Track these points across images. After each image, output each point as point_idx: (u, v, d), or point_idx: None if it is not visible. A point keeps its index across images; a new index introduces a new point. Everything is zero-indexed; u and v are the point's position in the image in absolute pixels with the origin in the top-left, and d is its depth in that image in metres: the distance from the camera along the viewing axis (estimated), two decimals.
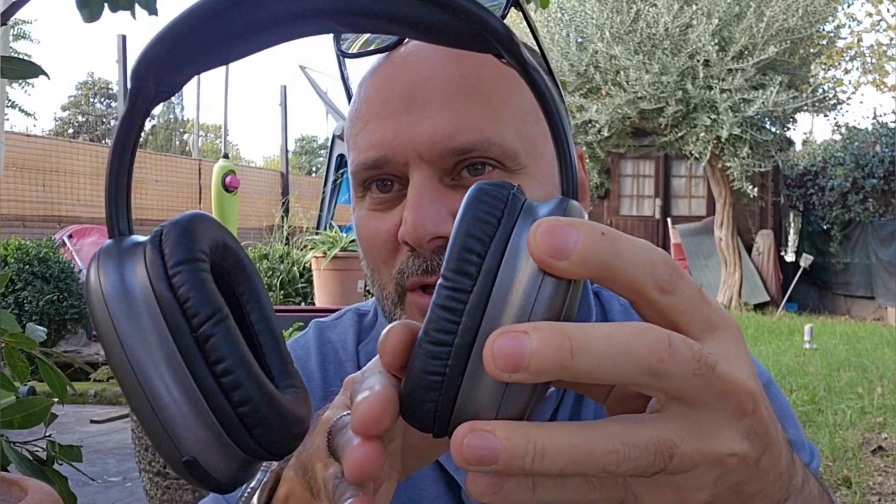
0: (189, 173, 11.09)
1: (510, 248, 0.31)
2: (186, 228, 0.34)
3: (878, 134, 11.18)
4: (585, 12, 10.39)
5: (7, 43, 2.00)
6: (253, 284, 0.39)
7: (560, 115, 0.34)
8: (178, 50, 0.34)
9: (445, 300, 0.31)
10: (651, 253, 0.31)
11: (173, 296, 0.32)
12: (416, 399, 0.31)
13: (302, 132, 41.11)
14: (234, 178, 5.79)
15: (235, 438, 0.32)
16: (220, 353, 0.32)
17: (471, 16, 0.33)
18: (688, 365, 0.29)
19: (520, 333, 0.28)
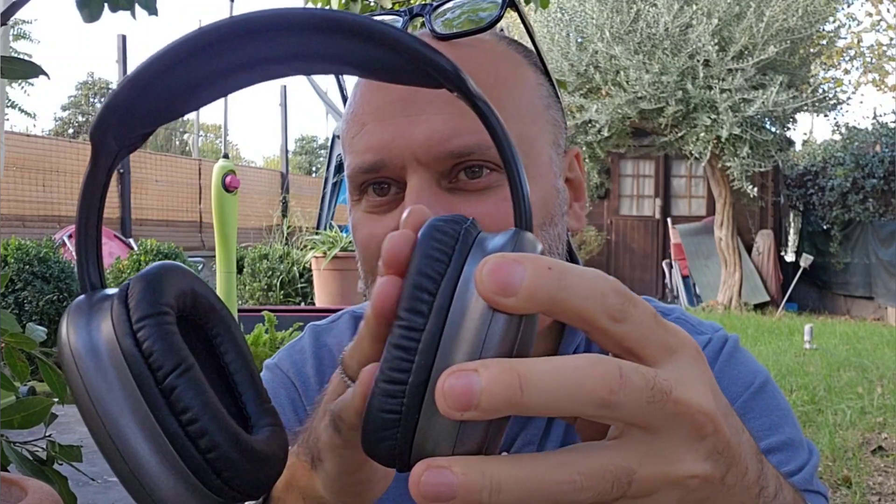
0: (189, 173, 11.09)
1: (460, 285, 0.31)
2: (151, 282, 0.35)
3: (878, 134, 11.18)
4: (585, 12, 10.39)
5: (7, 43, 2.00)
6: (226, 325, 0.40)
7: (511, 149, 0.35)
8: (136, 105, 0.35)
9: (399, 339, 0.31)
10: (600, 283, 0.31)
11: (138, 350, 0.33)
12: (376, 437, 0.32)
13: (302, 132, 41.13)
14: (234, 178, 5.78)
15: (206, 483, 0.33)
16: (185, 403, 0.33)
17: (417, 55, 0.33)
18: (640, 393, 0.30)
19: (469, 372, 0.29)
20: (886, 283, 10.48)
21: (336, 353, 0.76)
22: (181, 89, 0.35)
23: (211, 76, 0.35)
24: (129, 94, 0.34)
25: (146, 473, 0.33)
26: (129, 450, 0.33)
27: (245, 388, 0.39)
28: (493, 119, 0.35)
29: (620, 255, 12.57)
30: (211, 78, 0.35)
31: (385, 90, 0.63)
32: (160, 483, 0.33)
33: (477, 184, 0.61)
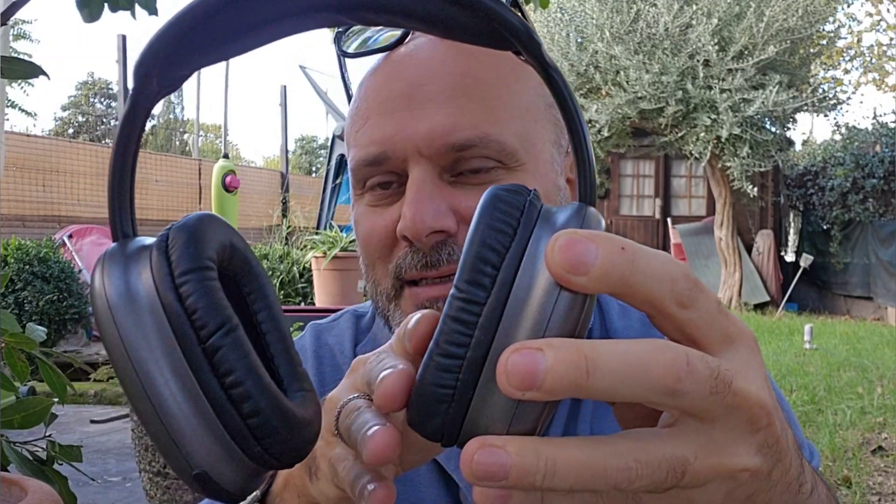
0: (189, 173, 11.09)
1: (526, 259, 0.30)
2: (193, 233, 0.33)
3: (878, 134, 11.18)
4: (585, 12, 10.39)
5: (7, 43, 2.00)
6: (261, 285, 0.38)
7: (580, 119, 0.33)
8: (183, 44, 0.33)
9: (458, 312, 0.30)
10: (671, 267, 0.30)
11: (181, 306, 0.31)
12: (426, 411, 0.31)
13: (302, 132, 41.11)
14: (234, 178, 5.79)
15: (246, 450, 0.32)
16: (229, 365, 0.31)
17: (489, 12, 0.32)
18: (705, 383, 0.29)
19: (534, 350, 0.28)
20: (886, 283, 10.48)
21: (336, 353, 0.76)
22: (230, 31, 0.34)
23: (263, 19, 0.33)
24: (176, 32, 0.33)
25: (182, 434, 0.31)
26: (166, 409, 0.31)
27: (278, 350, 0.38)
28: (562, 86, 0.33)
29: None
30: (262, 21, 0.34)
31: (389, 84, 0.64)
32: (196, 445, 0.31)
33: (478, 177, 0.62)
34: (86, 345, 6.51)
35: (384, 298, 0.65)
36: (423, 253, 0.61)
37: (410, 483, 0.67)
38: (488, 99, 0.62)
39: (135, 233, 0.35)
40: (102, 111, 30.48)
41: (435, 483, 0.67)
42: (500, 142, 0.61)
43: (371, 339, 0.76)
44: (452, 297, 0.31)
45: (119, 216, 0.35)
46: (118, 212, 0.35)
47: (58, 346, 6.11)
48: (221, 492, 0.32)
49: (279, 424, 0.32)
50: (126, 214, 0.35)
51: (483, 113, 0.61)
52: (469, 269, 0.30)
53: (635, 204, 12.81)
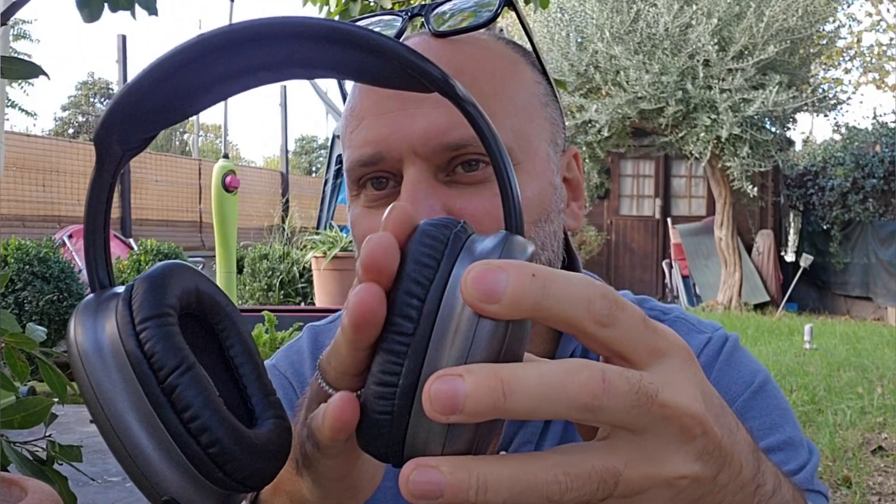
0: (189, 173, 11.09)
1: (448, 290, 0.32)
2: (154, 283, 0.37)
3: (878, 134, 11.18)
4: (585, 12, 10.40)
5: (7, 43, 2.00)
6: (231, 320, 0.41)
7: (500, 152, 0.35)
8: (138, 110, 0.36)
9: (390, 343, 0.32)
10: (587, 289, 0.31)
11: (141, 351, 0.35)
12: (370, 435, 0.33)
13: (302, 132, 41.14)
14: (234, 178, 5.79)
15: (210, 477, 0.35)
16: (186, 401, 0.34)
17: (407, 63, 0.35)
18: (625, 398, 0.30)
19: (454, 377, 0.29)
20: (886, 283, 10.48)
21: None
22: (182, 94, 0.36)
23: (210, 82, 0.36)
24: (131, 99, 0.35)
25: (151, 468, 0.35)
26: (134, 446, 0.34)
27: (250, 381, 0.41)
28: (480, 122, 0.35)
29: (620, 255, 12.58)
30: (210, 83, 0.36)
31: None
32: (165, 476, 0.35)
33: (473, 177, 0.62)
34: None
35: None
36: None
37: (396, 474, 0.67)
38: (484, 97, 0.62)
39: (111, 282, 0.39)
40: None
41: None
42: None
43: None
44: (385, 331, 0.33)
45: (95, 268, 0.39)
46: (94, 264, 0.39)
47: (58, 346, 6.11)
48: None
49: (238, 451, 0.35)
50: (102, 266, 0.39)
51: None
52: (398, 303, 0.33)
53: (635, 204, 12.81)
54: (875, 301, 10.76)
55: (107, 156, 0.37)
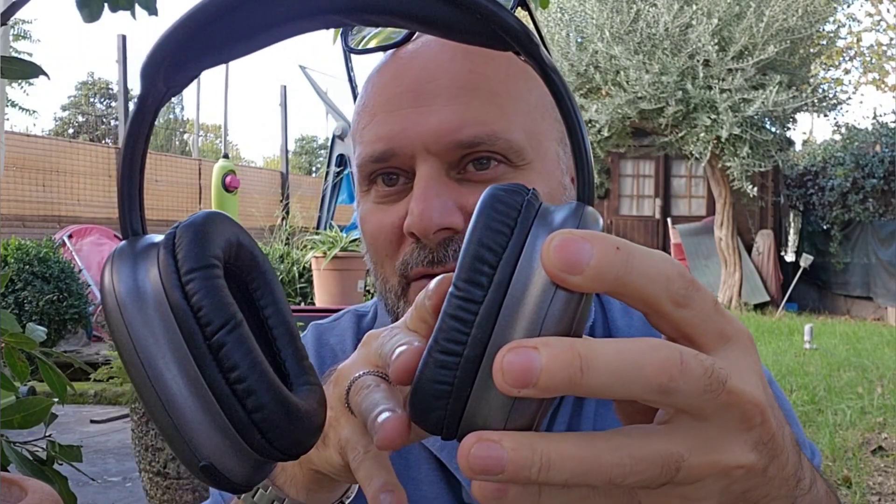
0: (189, 173, 11.09)
1: (522, 259, 0.31)
2: (199, 232, 0.34)
3: (878, 134, 11.18)
4: (585, 12, 10.39)
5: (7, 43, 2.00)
6: (267, 280, 0.39)
7: (578, 118, 0.34)
8: (188, 46, 0.34)
9: (456, 310, 0.31)
10: (667, 267, 0.31)
11: (187, 304, 0.32)
12: (425, 406, 0.32)
13: (302, 132, 41.12)
14: (234, 178, 5.79)
15: (251, 443, 0.33)
16: (233, 361, 0.32)
17: (488, 14, 0.32)
18: (699, 382, 0.30)
19: (529, 349, 0.28)
20: (886, 283, 10.48)
21: (338, 352, 0.76)
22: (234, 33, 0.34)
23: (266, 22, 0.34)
24: (182, 34, 0.33)
25: (189, 428, 0.32)
26: (174, 403, 0.32)
27: (284, 344, 0.39)
28: (561, 88, 0.33)
29: None
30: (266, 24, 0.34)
31: (396, 80, 0.64)
32: (203, 438, 0.32)
33: (484, 175, 0.62)
34: (86, 345, 6.51)
35: (393, 295, 0.65)
36: (430, 249, 0.61)
37: (413, 482, 0.67)
38: (496, 96, 0.62)
39: (144, 230, 0.36)
40: (102, 111, 30.48)
41: (438, 481, 0.67)
42: (507, 139, 0.61)
43: None
44: (451, 296, 0.31)
45: (129, 214, 0.36)
46: (128, 210, 0.36)
47: (58, 346, 6.11)
48: (228, 483, 0.33)
49: (282, 418, 0.33)
50: (136, 213, 0.36)
51: (491, 110, 0.62)
52: (467, 269, 0.31)
53: (635, 204, 12.81)
54: (875, 301, 10.76)
55: (151, 92, 0.34)
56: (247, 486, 0.34)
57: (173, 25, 0.33)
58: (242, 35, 0.34)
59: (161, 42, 0.34)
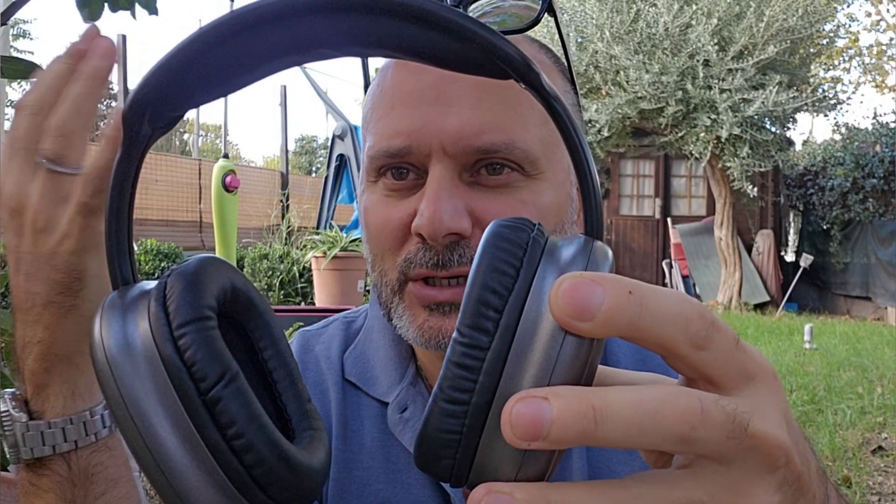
0: (189, 173, 11.09)
1: (530, 301, 0.29)
2: (191, 281, 0.33)
3: (878, 134, 11.18)
4: (585, 12, 10.39)
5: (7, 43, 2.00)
6: (265, 322, 0.38)
7: (583, 148, 0.33)
8: (173, 86, 0.33)
9: (461, 357, 0.29)
10: (685, 308, 0.29)
11: (180, 359, 0.31)
12: (434, 455, 0.31)
13: (302, 132, 41.13)
14: (234, 178, 5.79)
15: (251, 499, 0.32)
16: (230, 416, 0.31)
17: (487, 45, 0.31)
18: (721, 429, 0.28)
19: (539, 399, 0.27)
20: (886, 283, 10.48)
21: (322, 359, 0.75)
22: (220, 70, 0.33)
23: (253, 58, 0.33)
24: (166, 75, 0.32)
25: (187, 487, 0.31)
26: (170, 463, 0.31)
27: (285, 388, 0.38)
28: (564, 118, 0.32)
29: (620, 255, 12.58)
30: (253, 60, 0.33)
31: (418, 75, 0.63)
32: (200, 497, 0.31)
33: (496, 180, 0.61)
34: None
35: (388, 290, 0.65)
36: (436, 251, 0.60)
37: (403, 485, 0.67)
38: (517, 104, 0.62)
39: (135, 278, 0.35)
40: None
41: (428, 484, 0.67)
42: (524, 149, 0.61)
43: (360, 344, 0.75)
44: (455, 342, 0.30)
45: (118, 262, 0.34)
46: (116, 258, 0.34)
47: None
48: None
49: (283, 472, 0.32)
50: (125, 260, 0.35)
51: (511, 118, 0.61)
52: (471, 314, 0.30)
53: (635, 204, 12.81)
54: (875, 301, 10.76)
55: (136, 136, 0.33)
56: None
57: (156, 65, 0.32)
58: (229, 73, 0.33)
59: (143, 84, 0.32)
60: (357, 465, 0.69)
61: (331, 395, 0.72)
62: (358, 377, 0.72)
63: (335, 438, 0.70)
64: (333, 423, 0.70)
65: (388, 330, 0.72)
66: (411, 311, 0.63)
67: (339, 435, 0.70)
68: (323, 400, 0.72)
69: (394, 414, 0.69)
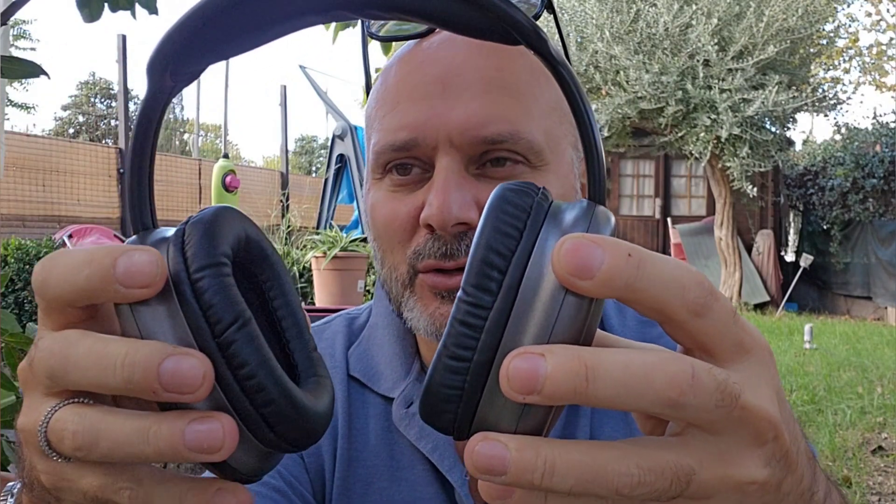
0: (189, 173, 11.09)
1: (532, 262, 0.31)
2: (209, 228, 0.34)
3: (878, 134, 11.18)
4: (585, 12, 10.39)
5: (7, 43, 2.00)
6: (276, 273, 0.39)
7: (589, 114, 0.34)
8: (196, 39, 0.34)
9: (465, 315, 0.31)
10: (682, 274, 0.30)
11: (197, 302, 0.32)
12: (437, 409, 0.32)
13: (302, 132, 41.13)
14: (234, 177, 5.79)
15: (261, 437, 0.33)
16: (242, 358, 0.32)
17: (497, 11, 0.33)
18: (710, 396, 0.29)
19: (536, 356, 0.28)
20: (886, 283, 10.48)
21: (325, 358, 0.75)
22: (244, 27, 0.34)
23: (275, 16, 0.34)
24: (189, 28, 0.33)
25: None
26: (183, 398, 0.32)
27: (292, 336, 0.39)
28: (571, 83, 0.33)
29: None
30: (275, 18, 0.34)
31: (422, 70, 0.63)
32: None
33: (501, 172, 0.62)
34: None
35: (399, 285, 0.65)
36: (444, 241, 0.61)
37: (406, 483, 0.67)
38: (521, 95, 0.62)
39: (154, 224, 0.36)
40: (103, 111, 30.47)
41: (431, 483, 0.67)
42: (529, 140, 0.61)
43: (364, 341, 0.75)
44: (459, 300, 0.31)
45: (139, 209, 0.36)
46: (137, 204, 0.36)
47: None
48: (238, 474, 0.34)
49: (290, 413, 0.33)
50: (146, 207, 0.36)
51: (516, 109, 0.62)
52: (475, 273, 0.31)
53: (635, 204, 12.81)
54: (875, 301, 10.76)
55: (159, 87, 0.34)
56: (256, 476, 0.35)
57: (180, 20, 0.33)
58: (251, 28, 0.34)
59: (168, 37, 0.34)
60: (361, 462, 0.69)
61: (336, 393, 0.72)
62: (363, 373, 0.73)
63: (340, 437, 0.70)
64: (339, 422, 0.71)
65: (393, 326, 0.72)
66: (423, 302, 0.64)
67: (344, 433, 0.70)
68: None
69: (399, 409, 0.69)
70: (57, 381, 0.32)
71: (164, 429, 0.30)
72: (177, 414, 0.31)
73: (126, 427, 0.31)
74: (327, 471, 0.70)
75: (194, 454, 0.30)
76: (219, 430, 0.30)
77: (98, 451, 0.31)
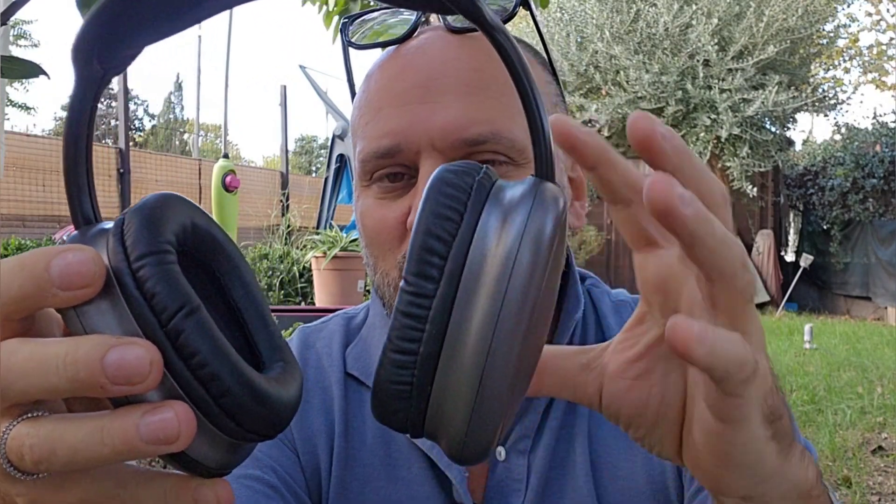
0: (189, 173, 11.09)
1: (474, 246, 0.29)
2: (148, 216, 0.32)
3: (878, 134, 11.17)
4: (585, 12, 10.39)
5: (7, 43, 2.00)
6: (232, 261, 0.37)
7: (531, 83, 0.32)
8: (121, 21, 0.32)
9: (408, 306, 0.29)
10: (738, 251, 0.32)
11: (139, 292, 0.30)
12: (388, 408, 0.31)
13: (302, 132, 41.12)
14: (234, 177, 5.79)
15: (222, 428, 0.31)
16: (193, 346, 0.30)
17: None
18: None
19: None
20: (886, 283, 10.47)
21: (323, 356, 0.75)
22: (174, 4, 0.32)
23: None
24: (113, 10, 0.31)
25: None
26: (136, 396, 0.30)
27: (254, 323, 0.37)
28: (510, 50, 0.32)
29: (620, 254, 12.57)
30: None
31: (403, 76, 0.64)
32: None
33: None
34: None
35: (392, 289, 0.65)
36: None
37: (404, 481, 0.67)
38: (501, 95, 0.62)
39: (97, 217, 0.34)
40: (102, 111, 30.48)
41: (429, 480, 0.67)
42: (511, 139, 0.61)
43: (361, 341, 0.75)
44: (401, 291, 0.30)
45: (78, 202, 0.34)
46: (76, 198, 0.34)
47: None
48: (204, 469, 0.32)
49: (250, 400, 0.31)
50: (85, 199, 0.34)
51: (496, 109, 0.62)
52: (416, 261, 0.29)
53: None
54: (875, 301, 10.75)
55: (86, 75, 0.32)
56: (225, 469, 0.33)
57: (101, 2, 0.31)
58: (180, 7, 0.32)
59: (90, 20, 0.31)
60: (358, 461, 0.69)
61: (334, 392, 0.72)
62: (361, 371, 0.73)
63: (338, 436, 0.70)
64: (336, 420, 0.71)
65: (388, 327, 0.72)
66: None
67: (341, 432, 0.70)
68: (325, 398, 0.72)
69: None
70: (5, 396, 0.30)
71: (117, 425, 0.29)
72: (129, 408, 0.30)
73: (80, 431, 0.29)
74: (324, 470, 0.69)
75: (152, 447, 0.29)
76: (172, 417, 0.29)
77: (58, 461, 0.29)
